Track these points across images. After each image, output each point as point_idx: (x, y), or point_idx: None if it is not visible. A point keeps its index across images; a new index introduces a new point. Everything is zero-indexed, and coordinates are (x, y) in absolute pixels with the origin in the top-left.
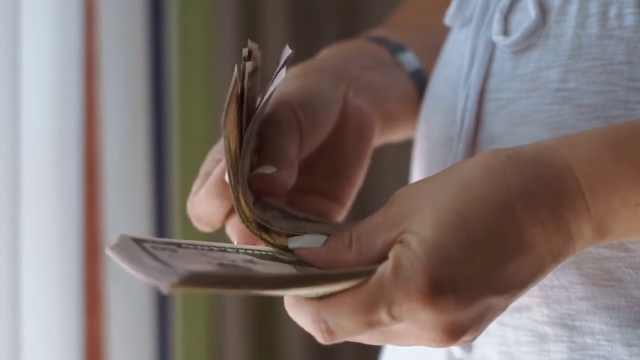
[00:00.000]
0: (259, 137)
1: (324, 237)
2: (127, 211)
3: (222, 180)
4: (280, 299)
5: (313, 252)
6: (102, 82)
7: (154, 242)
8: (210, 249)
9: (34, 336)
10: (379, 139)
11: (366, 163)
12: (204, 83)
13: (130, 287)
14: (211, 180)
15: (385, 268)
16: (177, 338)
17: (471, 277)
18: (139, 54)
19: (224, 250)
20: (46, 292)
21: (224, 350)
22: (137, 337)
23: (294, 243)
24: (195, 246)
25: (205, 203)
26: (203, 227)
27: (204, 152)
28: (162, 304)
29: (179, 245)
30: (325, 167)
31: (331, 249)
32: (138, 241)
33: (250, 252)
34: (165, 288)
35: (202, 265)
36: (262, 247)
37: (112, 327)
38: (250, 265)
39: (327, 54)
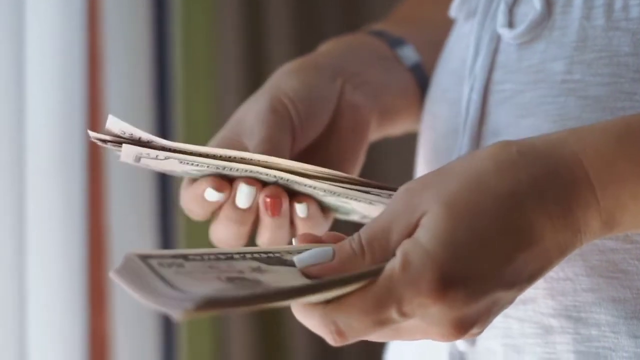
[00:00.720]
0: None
1: (330, 249)
2: (131, 208)
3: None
4: None
5: (325, 267)
6: (106, 78)
7: (160, 256)
8: (217, 257)
9: (39, 334)
10: (378, 132)
11: (360, 159)
12: (208, 79)
13: None
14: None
15: (393, 265)
16: (182, 334)
17: (480, 271)
18: (143, 51)
19: (231, 257)
20: (51, 290)
21: (229, 346)
22: (142, 335)
23: (301, 261)
24: (202, 256)
25: (192, 205)
26: (193, 216)
27: None
28: None
29: (185, 257)
30: (319, 163)
31: (343, 260)
32: (144, 258)
33: (257, 255)
34: (178, 316)
35: (211, 283)
36: (268, 248)
37: (117, 324)
38: (258, 276)
39: (326, 49)
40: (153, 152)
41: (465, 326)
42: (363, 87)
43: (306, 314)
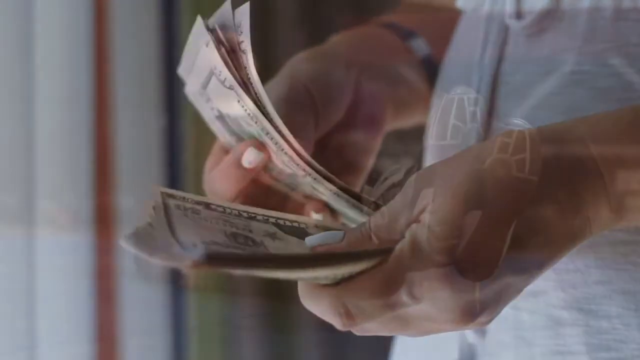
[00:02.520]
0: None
1: (341, 233)
2: (140, 197)
3: (238, 163)
4: (294, 291)
5: (332, 248)
6: (114, 73)
7: (183, 198)
8: (239, 214)
9: (47, 326)
10: (390, 124)
11: (376, 149)
12: None
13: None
14: (228, 160)
15: (403, 247)
16: (191, 325)
17: (489, 256)
18: (151, 44)
19: (254, 217)
20: (60, 281)
21: (238, 336)
22: (151, 325)
23: (311, 241)
24: (224, 209)
25: (222, 180)
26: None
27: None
28: (177, 291)
29: (207, 206)
30: (336, 152)
31: (351, 243)
32: (167, 195)
33: (280, 222)
34: (184, 269)
35: (213, 235)
36: (296, 217)
37: (125, 315)
38: (266, 241)
39: (338, 40)
40: (225, 73)
41: (475, 312)
42: (378, 78)
43: (315, 296)
